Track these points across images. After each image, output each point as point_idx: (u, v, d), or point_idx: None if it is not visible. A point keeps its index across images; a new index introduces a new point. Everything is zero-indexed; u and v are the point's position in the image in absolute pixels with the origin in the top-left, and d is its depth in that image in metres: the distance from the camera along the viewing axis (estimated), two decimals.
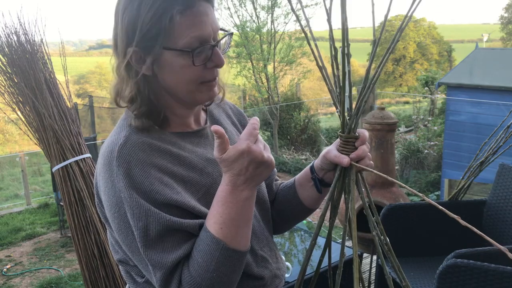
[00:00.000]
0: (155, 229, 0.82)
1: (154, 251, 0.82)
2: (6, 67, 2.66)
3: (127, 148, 0.85)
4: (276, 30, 10.15)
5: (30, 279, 4.11)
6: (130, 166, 0.83)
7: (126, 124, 0.90)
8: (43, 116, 2.63)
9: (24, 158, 6.75)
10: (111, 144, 0.87)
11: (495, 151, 2.36)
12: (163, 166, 0.86)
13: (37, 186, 8.03)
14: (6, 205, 6.80)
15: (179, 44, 0.84)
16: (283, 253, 2.45)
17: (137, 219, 0.82)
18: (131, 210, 0.82)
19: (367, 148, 0.89)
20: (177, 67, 0.86)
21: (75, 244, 2.66)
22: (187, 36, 0.84)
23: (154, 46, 0.84)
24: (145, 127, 0.89)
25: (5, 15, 2.64)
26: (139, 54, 0.85)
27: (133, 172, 0.83)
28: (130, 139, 0.86)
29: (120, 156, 0.84)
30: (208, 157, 0.95)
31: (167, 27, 0.83)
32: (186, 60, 0.85)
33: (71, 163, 2.65)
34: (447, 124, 6.74)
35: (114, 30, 0.87)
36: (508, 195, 2.33)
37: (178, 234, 0.84)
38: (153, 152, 0.86)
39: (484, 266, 1.71)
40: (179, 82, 0.88)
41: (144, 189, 0.82)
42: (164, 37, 0.84)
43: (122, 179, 0.82)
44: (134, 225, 0.82)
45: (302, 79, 11.27)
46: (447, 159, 6.72)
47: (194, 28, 0.84)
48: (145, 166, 0.84)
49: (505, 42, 29.93)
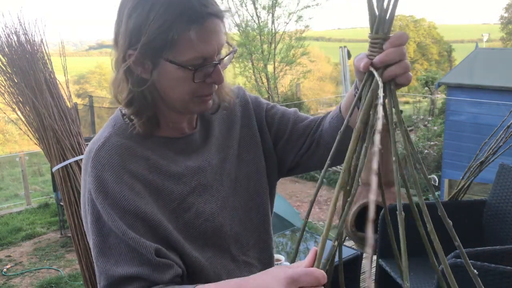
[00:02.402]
0: (113, 239, 0.82)
1: (105, 259, 0.82)
2: (6, 67, 2.66)
3: (104, 151, 0.85)
4: (276, 30, 10.15)
5: (30, 279, 4.11)
6: (103, 168, 0.83)
7: (111, 125, 0.91)
8: (43, 116, 2.63)
9: (24, 158, 6.75)
10: (92, 144, 0.88)
11: (495, 151, 2.36)
12: (138, 172, 0.86)
13: (37, 186, 8.03)
14: (6, 205, 6.80)
15: (182, 59, 0.83)
16: (286, 253, 2.45)
17: (98, 224, 0.83)
18: (96, 214, 0.83)
19: (398, 53, 0.67)
20: (176, 79, 0.85)
21: (75, 244, 2.66)
22: (192, 53, 0.83)
23: (156, 56, 0.83)
24: (132, 128, 0.89)
25: (5, 15, 2.65)
26: (139, 57, 0.84)
27: (105, 176, 0.83)
28: (109, 141, 0.86)
29: (96, 157, 0.84)
30: (188, 165, 0.93)
31: (173, 40, 0.81)
32: (186, 74, 0.84)
33: (71, 163, 2.65)
34: (447, 124, 6.74)
35: (117, 26, 0.86)
36: (508, 195, 2.33)
37: (134, 252, 0.82)
38: (129, 157, 0.86)
39: (484, 266, 1.71)
40: (174, 91, 0.87)
41: (113, 194, 0.82)
42: (168, 50, 0.82)
43: (93, 181, 0.83)
44: (95, 229, 0.83)
45: (302, 79, 11.27)
46: (447, 159, 6.72)
47: (200, 45, 0.82)
48: (119, 171, 0.84)
49: (505, 42, 29.93)
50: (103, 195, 0.82)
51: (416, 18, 28.44)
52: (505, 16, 31.55)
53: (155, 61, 0.84)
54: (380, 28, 0.66)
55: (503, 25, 31.72)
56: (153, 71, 0.85)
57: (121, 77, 0.86)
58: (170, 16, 0.80)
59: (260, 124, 1.07)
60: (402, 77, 0.68)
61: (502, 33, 31.82)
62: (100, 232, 0.83)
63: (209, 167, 0.96)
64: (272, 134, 1.08)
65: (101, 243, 0.83)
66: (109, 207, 0.82)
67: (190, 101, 0.88)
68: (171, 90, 0.87)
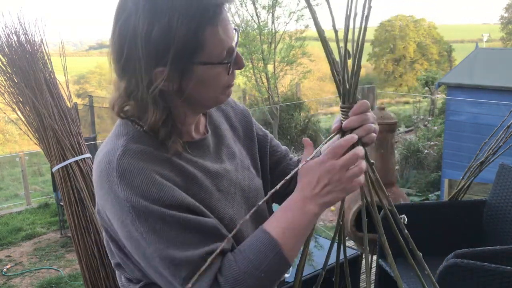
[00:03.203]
0: (174, 230, 0.79)
1: (176, 251, 0.78)
2: (6, 67, 2.66)
3: (126, 158, 0.81)
4: (276, 30, 10.15)
5: (30, 279, 4.11)
6: (132, 175, 0.79)
7: (122, 133, 0.86)
8: (43, 116, 2.63)
9: (24, 158, 6.75)
10: (108, 154, 0.83)
11: (495, 151, 2.36)
12: (165, 174, 0.83)
13: (37, 186, 8.03)
14: (6, 205, 6.80)
15: (215, 57, 0.81)
16: None
17: (150, 224, 0.78)
18: (143, 217, 0.79)
19: (359, 120, 0.82)
20: (211, 78, 0.83)
21: (75, 244, 2.66)
22: (221, 47, 0.81)
23: (188, 63, 0.80)
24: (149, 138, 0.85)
25: (5, 15, 2.65)
26: (166, 73, 0.79)
27: (137, 182, 0.79)
28: (129, 149, 0.82)
29: (120, 166, 0.80)
30: (207, 168, 0.92)
31: (203, 42, 0.79)
32: (221, 70, 0.83)
33: (71, 163, 2.65)
34: (447, 124, 6.74)
35: (128, 50, 0.79)
36: (508, 195, 2.33)
37: (198, 233, 0.81)
38: (153, 161, 0.83)
39: (484, 266, 1.71)
40: (208, 91, 0.85)
41: (152, 196, 0.79)
42: (200, 52, 0.80)
43: (126, 190, 0.79)
44: (149, 230, 0.78)
45: (302, 79, 11.27)
46: (447, 159, 6.72)
47: (225, 36, 0.81)
48: (149, 173, 0.80)
49: (505, 42, 29.93)
50: (144, 198, 0.78)
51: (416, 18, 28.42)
52: (505, 16, 31.56)
53: (185, 70, 0.81)
54: (346, 99, 0.83)
55: (503, 25, 31.74)
56: (183, 80, 0.82)
57: (151, 101, 0.81)
58: (193, 18, 0.77)
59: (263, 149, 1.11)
60: (365, 138, 0.83)
61: (502, 33, 31.83)
62: (158, 233, 0.79)
63: (225, 173, 0.96)
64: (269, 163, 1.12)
65: (162, 241, 0.78)
66: (155, 206, 0.79)
67: (221, 93, 0.88)
68: (205, 90, 0.85)
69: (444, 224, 2.44)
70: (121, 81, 0.84)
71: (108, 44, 0.85)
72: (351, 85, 0.81)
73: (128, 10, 0.79)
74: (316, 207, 0.81)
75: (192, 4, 0.77)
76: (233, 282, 0.79)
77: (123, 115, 0.87)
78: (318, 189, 0.80)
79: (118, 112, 0.87)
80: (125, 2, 0.80)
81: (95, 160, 0.88)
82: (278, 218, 0.83)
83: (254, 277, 0.79)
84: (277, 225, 0.82)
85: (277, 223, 0.82)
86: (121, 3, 0.81)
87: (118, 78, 0.84)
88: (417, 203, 2.49)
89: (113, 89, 0.88)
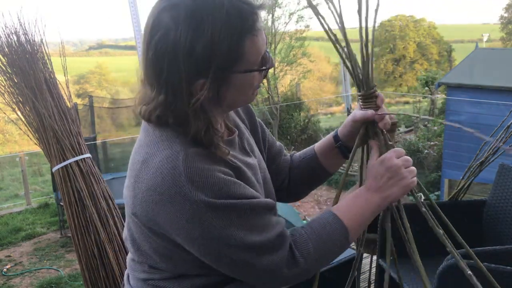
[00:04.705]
0: (250, 217, 0.85)
1: (255, 236, 0.84)
2: (6, 67, 2.66)
3: (190, 161, 0.82)
4: (276, 30, 10.15)
5: (30, 279, 4.11)
6: (201, 178, 0.82)
7: (172, 138, 0.86)
8: (43, 116, 2.63)
9: (24, 158, 6.76)
10: (168, 160, 0.83)
11: (495, 151, 2.36)
12: (224, 171, 0.86)
13: (37, 186, 8.04)
14: (6, 205, 6.80)
15: (253, 65, 0.84)
16: None
17: (230, 218, 0.83)
18: (222, 213, 0.82)
19: (385, 108, 0.99)
20: (247, 83, 0.86)
21: (75, 244, 2.66)
22: (258, 55, 0.84)
23: (227, 73, 0.82)
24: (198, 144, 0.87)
25: (5, 15, 2.64)
26: (207, 85, 0.81)
27: (207, 183, 0.82)
28: (189, 152, 0.83)
29: (188, 170, 0.81)
30: (246, 161, 0.96)
31: (243, 53, 0.81)
32: (254, 75, 0.86)
33: (71, 163, 2.65)
34: (447, 124, 6.74)
35: (169, 66, 0.80)
36: (508, 195, 2.33)
37: (269, 214, 0.89)
38: (211, 161, 0.85)
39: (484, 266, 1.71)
40: (243, 94, 0.88)
41: (223, 193, 0.83)
42: (240, 63, 0.82)
43: (199, 192, 0.81)
44: (227, 224, 0.83)
45: (302, 79, 11.28)
46: (447, 159, 6.72)
47: (261, 43, 0.84)
48: (213, 173, 0.83)
49: (505, 42, 29.94)
50: (217, 198, 0.82)
51: (416, 18, 28.43)
52: (505, 16, 31.56)
53: (225, 79, 0.83)
54: (362, 87, 0.95)
55: (503, 25, 31.73)
56: (221, 89, 0.84)
57: (192, 113, 0.83)
58: (235, 30, 0.79)
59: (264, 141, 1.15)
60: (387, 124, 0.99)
61: (502, 33, 31.82)
62: (236, 224, 0.83)
63: (256, 165, 1.00)
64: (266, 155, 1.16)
65: (241, 230, 0.84)
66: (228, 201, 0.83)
67: (252, 94, 0.91)
68: (240, 95, 0.88)
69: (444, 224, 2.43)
70: (159, 94, 0.84)
71: (108, 44, 0.85)
72: (367, 72, 0.92)
73: (165, 26, 0.79)
74: (378, 200, 0.92)
75: (232, 16, 0.79)
76: (307, 255, 0.88)
77: (163, 121, 0.87)
78: (382, 182, 0.92)
79: (157, 120, 0.87)
80: (160, 18, 0.81)
81: (143, 165, 0.86)
82: (349, 205, 0.94)
83: (322, 255, 0.90)
84: (348, 210, 0.93)
85: (347, 208, 0.93)
86: (156, 19, 0.81)
87: (155, 92, 0.84)
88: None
89: (142, 99, 0.88)
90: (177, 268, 0.92)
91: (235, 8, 0.79)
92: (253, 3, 0.83)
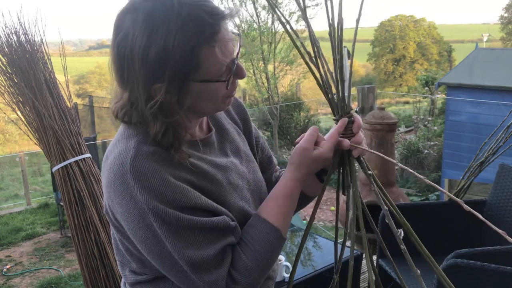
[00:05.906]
0: (189, 232, 0.83)
1: (191, 252, 0.83)
2: (6, 67, 2.66)
3: (139, 160, 0.82)
4: (276, 30, 10.15)
5: (30, 279, 4.11)
6: (147, 177, 0.81)
7: (132, 134, 0.87)
8: (43, 116, 2.63)
9: (24, 158, 6.76)
10: (119, 156, 0.84)
11: (495, 151, 2.36)
12: (177, 174, 0.85)
13: (37, 186, 8.03)
14: (6, 205, 6.80)
15: (212, 75, 0.83)
16: (285, 253, 2.45)
17: (168, 226, 0.82)
18: (160, 219, 0.81)
19: (362, 134, 0.95)
20: (210, 92, 0.85)
21: (75, 244, 2.66)
22: (219, 65, 0.82)
23: (185, 80, 0.81)
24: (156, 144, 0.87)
25: (5, 15, 2.64)
26: (163, 89, 0.81)
27: (152, 184, 0.81)
28: (141, 150, 0.83)
29: (134, 168, 0.81)
30: (216, 163, 0.94)
31: (199, 61, 0.80)
32: (218, 85, 0.85)
33: (71, 163, 2.65)
34: (447, 124, 6.74)
35: (127, 68, 0.81)
36: (508, 195, 2.33)
37: (211, 232, 0.85)
38: (165, 162, 0.84)
39: (484, 266, 1.71)
40: (208, 103, 0.88)
41: (167, 198, 0.81)
42: (195, 71, 0.81)
43: (142, 192, 0.81)
44: (165, 232, 0.82)
45: (302, 79, 11.27)
46: (447, 159, 6.72)
47: (224, 53, 0.82)
48: (162, 175, 0.82)
49: (505, 42, 29.94)
50: (159, 201, 0.81)
51: (416, 18, 28.45)
52: (505, 16, 31.57)
53: (183, 85, 0.82)
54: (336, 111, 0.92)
55: (503, 25, 31.74)
56: (181, 95, 0.83)
57: (150, 116, 0.83)
58: (190, 39, 0.78)
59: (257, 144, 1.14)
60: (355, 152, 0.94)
61: (502, 33, 31.83)
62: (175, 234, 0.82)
63: (233, 167, 0.98)
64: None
65: (179, 242, 0.82)
66: (170, 209, 0.81)
67: (221, 103, 0.90)
68: (204, 103, 0.87)
69: (444, 224, 2.44)
70: (123, 92, 0.85)
71: (108, 44, 0.86)
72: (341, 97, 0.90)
73: (126, 29, 0.80)
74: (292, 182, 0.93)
75: (188, 25, 0.78)
76: (245, 272, 0.87)
77: (127, 119, 0.88)
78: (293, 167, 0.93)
79: (122, 118, 0.88)
80: (123, 20, 0.81)
81: (105, 161, 0.89)
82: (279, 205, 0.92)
83: (262, 265, 0.89)
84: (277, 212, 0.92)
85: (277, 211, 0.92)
86: (119, 19, 0.82)
87: (121, 90, 0.86)
88: (417, 203, 2.49)
89: (114, 96, 0.89)
90: (152, 271, 0.92)
91: (193, 18, 0.78)
92: (218, 14, 0.81)
